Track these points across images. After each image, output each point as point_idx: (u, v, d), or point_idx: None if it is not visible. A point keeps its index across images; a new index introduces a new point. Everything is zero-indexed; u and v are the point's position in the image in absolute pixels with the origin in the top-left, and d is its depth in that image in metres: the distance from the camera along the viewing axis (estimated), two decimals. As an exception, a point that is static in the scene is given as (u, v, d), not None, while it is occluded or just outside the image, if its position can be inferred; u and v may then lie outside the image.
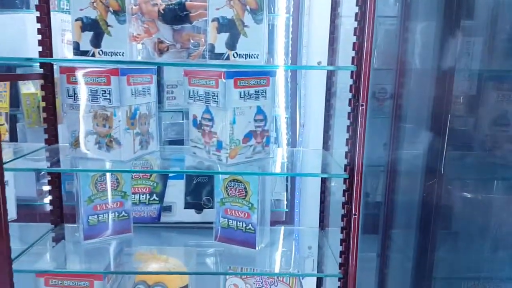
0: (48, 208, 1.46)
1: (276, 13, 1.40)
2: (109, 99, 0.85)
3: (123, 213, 1.04)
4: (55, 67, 0.99)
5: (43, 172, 1.50)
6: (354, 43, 0.85)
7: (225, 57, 0.84)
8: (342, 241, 0.91)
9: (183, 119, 1.42)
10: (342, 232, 0.91)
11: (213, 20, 0.83)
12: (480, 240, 1.15)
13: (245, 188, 0.98)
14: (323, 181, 1.11)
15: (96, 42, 0.84)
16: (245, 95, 0.88)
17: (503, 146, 1.08)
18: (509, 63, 1.07)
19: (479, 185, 1.17)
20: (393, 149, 1.23)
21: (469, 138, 1.14)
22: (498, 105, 1.06)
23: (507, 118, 1.06)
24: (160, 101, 1.37)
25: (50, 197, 1.02)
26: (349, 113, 0.88)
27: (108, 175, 0.99)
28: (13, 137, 1.37)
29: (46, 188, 1.53)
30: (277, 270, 0.96)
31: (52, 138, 1.00)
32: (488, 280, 1.17)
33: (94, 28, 0.84)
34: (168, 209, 1.16)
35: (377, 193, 1.49)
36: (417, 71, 1.19)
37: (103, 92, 0.85)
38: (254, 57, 0.86)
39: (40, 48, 0.94)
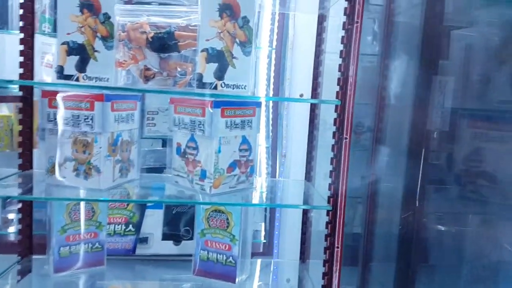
0: (13, 237, 1.38)
1: (258, 46, 1.43)
2: (91, 125, 0.83)
3: (97, 244, 0.99)
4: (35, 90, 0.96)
5: (9, 200, 1.42)
6: (338, 79, 0.87)
7: (213, 86, 0.85)
8: (324, 274, 0.90)
9: (162, 146, 1.40)
10: (324, 265, 0.90)
11: (202, 50, 0.84)
12: (457, 273, 1.16)
13: (227, 219, 0.96)
14: (305, 212, 1.11)
15: (82, 66, 0.83)
16: (231, 124, 0.88)
17: (477, 181, 1.13)
18: (481, 102, 1.13)
19: (455, 218, 1.20)
20: (372, 181, 1.25)
21: (444, 172, 1.18)
22: (472, 142, 1.11)
23: (480, 155, 1.11)
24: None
25: (19, 226, 0.96)
26: (333, 145, 0.89)
27: (83, 204, 0.94)
28: (-19, 161, 1.30)
29: (12, 216, 1.46)
30: (258, 305, 0.93)
31: (27, 163, 0.95)
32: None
33: (80, 53, 0.82)
34: (144, 240, 1.11)
35: (354, 224, 1.50)
36: (396, 107, 1.24)
37: (85, 117, 0.83)
38: (242, 88, 0.86)
39: (21, 70, 0.91)
